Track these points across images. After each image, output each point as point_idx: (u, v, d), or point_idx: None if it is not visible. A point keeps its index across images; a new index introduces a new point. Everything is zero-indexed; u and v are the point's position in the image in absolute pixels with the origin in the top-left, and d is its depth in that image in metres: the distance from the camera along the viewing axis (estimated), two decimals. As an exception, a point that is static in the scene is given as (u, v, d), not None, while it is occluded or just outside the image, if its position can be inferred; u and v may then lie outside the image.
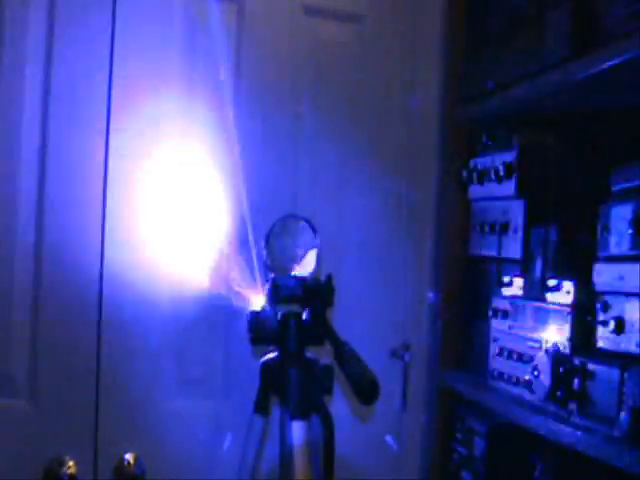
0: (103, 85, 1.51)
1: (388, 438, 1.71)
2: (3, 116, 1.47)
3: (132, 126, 1.53)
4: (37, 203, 1.48)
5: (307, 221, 1.30)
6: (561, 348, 1.30)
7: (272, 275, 1.26)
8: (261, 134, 1.61)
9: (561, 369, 1.27)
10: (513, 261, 1.53)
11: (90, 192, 1.51)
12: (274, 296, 1.24)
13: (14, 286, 1.47)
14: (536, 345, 1.37)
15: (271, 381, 1.25)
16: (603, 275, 1.24)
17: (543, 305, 1.37)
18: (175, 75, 1.57)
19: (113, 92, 1.52)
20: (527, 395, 1.38)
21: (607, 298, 1.22)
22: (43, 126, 1.48)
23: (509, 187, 1.54)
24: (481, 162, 1.65)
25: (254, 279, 1.31)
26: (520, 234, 1.51)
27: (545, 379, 1.31)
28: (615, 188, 1.27)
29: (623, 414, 1.12)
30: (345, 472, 1.30)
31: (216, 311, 1.59)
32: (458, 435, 1.65)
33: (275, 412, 1.27)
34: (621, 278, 1.20)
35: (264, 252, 1.28)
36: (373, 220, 1.71)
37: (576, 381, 1.23)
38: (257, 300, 1.28)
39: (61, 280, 1.48)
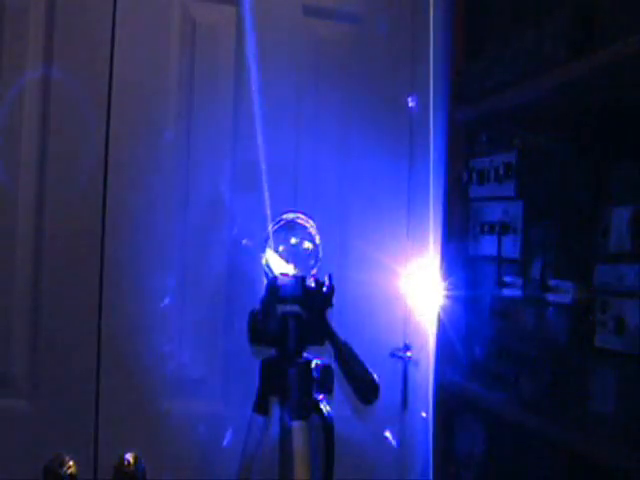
0: (103, 85, 1.51)
1: (388, 438, 1.71)
2: (3, 116, 1.47)
3: (132, 126, 1.53)
4: (37, 203, 1.48)
5: (307, 221, 1.30)
6: (561, 348, 1.30)
7: (272, 275, 1.26)
8: (261, 134, 1.61)
9: (561, 369, 1.27)
10: (513, 261, 1.53)
11: (90, 192, 1.51)
12: (274, 296, 1.24)
13: (14, 286, 1.47)
14: (536, 345, 1.37)
15: (271, 381, 1.25)
16: (603, 275, 1.24)
17: (543, 305, 1.37)
18: (175, 75, 1.58)
19: (113, 92, 1.52)
20: (526, 395, 1.38)
21: (607, 298, 1.22)
22: (43, 126, 1.48)
23: (509, 187, 1.54)
24: (481, 162, 1.65)
25: (255, 278, 1.31)
26: (520, 234, 1.51)
27: (545, 379, 1.31)
28: (615, 188, 1.27)
29: (623, 414, 1.12)
30: (345, 472, 1.30)
31: (216, 311, 1.59)
32: (458, 435, 1.65)
33: (275, 412, 1.27)
34: (621, 278, 1.20)
35: (264, 252, 1.27)
36: (373, 220, 1.71)
37: (576, 381, 1.23)
38: (257, 300, 1.28)
39: (61, 280, 1.48)
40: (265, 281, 1.26)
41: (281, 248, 1.27)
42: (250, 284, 1.30)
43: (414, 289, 1.75)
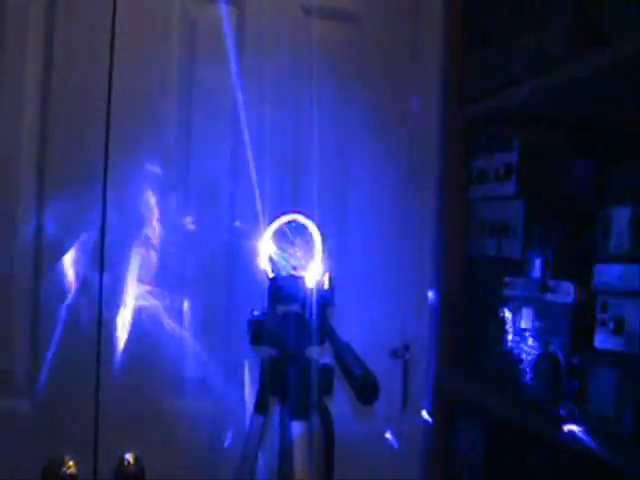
0: (103, 85, 1.51)
1: (388, 438, 1.71)
2: (3, 116, 1.47)
3: (132, 126, 1.53)
4: (37, 203, 1.48)
5: (307, 221, 1.30)
6: (561, 348, 1.30)
7: (272, 275, 1.26)
8: (261, 134, 1.61)
9: (561, 369, 1.27)
10: (513, 261, 1.53)
11: (90, 192, 1.51)
12: (274, 296, 1.24)
13: (14, 286, 1.47)
14: (536, 345, 1.37)
15: (271, 381, 1.25)
16: (603, 275, 1.24)
17: (543, 305, 1.37)
18: (175, 75, 1.58)
19: (113, 92, 1.52)
20: (527, 395, 1.38)
21: (607, 298, 1.22)
22: (43, 125, 1.48)
23: (509, 187, 1.54)
24: (481, 162, 1.65)
25: (255, 278, 1.31)
26: (520, 234, 1.51)
27: (545, 379, 1.31)
28: (615, 188, 1.27)
29: (623, 414, 1.12)
30: (345, 472, 1.30)
31: (216, 310, 1.59)
32: (458, 435, 1.65)
33: (275, 412, 1.27)
34: (621, 278, 1.20)
35: (264, 252, 1.27)
36: (373, 220, 1.71)
37: (576, 381, 1.23)
38: (257, 300, 1.28)
39: (61, 280, 1.48)
40: (265, 281, 1.26)
41: (281, 248, 1.26)
42: (250, 284, 1.29)
43: (414, 289, 1.75)
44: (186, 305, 1.57)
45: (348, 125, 1.70)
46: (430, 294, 1.75)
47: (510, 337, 1.47)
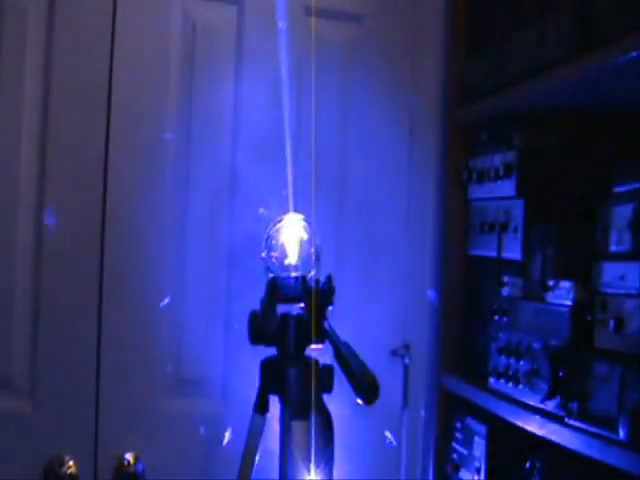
0: (103, 85, 1.51)
1: (388, 438, 1.71)
2: (3, 116, 1.47)
3: (132, 126, 1.53)
4: (37, 203, 1.48)
5: (307, 220, 1.30)
6: (561, 348, 1.30)
7: (272, 275, 1.26)
8: (261, 134, 1.61)
9: (561, 369, 1.27)
10: (513, 261, 1.53)
11: (90, 191, 1.51)
12: (274, 296, 1.24)
13: (14, 286, 1.47)
14: (536, 345, 1.37)
15: (271, 381, 1.25)
16: (603, 275, 1.24)
17: (543, 305, 1.37)
18: (175, 75, 1.58)
19: (113, 92, 1.52)
20: (527, 395, 1.38)
21: (607, 298, 1.22)
22: (43, 125, 1.48)
23: (509, 187, 1.53)
24: (481, 162, 1.65)
25: (255, 278, 1.31)
26: (520, 234, 1.50)
27: (545, 379, 1.31)
28: (615, 188, 1.27)
29: (623, 415, 1.12)
30: (345, 472, 1.30)
31: (216, 311, 1.59)
32: (458, 435, 1.65)
33: (275, 412, 1.27)
34: (621, 278, 1.20)
35: (264, 252, 1.27)
36: (373, 220, 1.71)
37: (576, 381, 1.23)
38: (258, 299, 1.28)
39: (61, 280, 1.48)
40: (265, 280, 1.26)
41: (281, 248, 1.27)
42: (250, 284, 1.29)
43: (414, 289, 1.75)
44: (186, 305, 1.57)
45: (348, 125, 1.70)
46: (430, 294, 1.76)
47: (510, 337, 1.47)
